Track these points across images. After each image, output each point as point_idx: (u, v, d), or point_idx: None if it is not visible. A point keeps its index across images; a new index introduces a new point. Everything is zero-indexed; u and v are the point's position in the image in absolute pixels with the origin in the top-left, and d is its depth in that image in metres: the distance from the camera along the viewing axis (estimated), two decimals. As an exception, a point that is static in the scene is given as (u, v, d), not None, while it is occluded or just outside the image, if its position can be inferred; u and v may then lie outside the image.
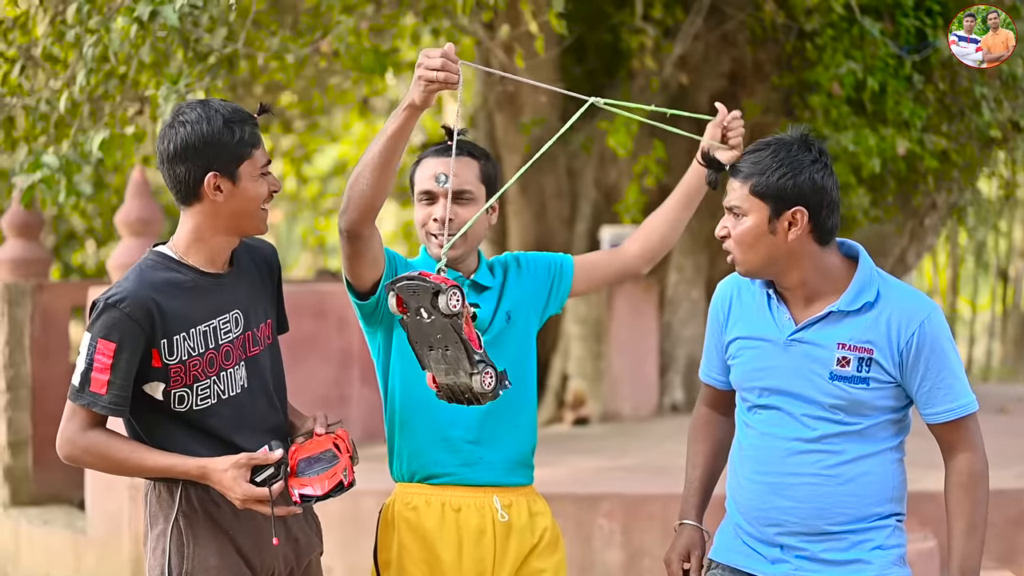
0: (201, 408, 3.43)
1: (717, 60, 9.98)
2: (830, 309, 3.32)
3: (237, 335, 3.49)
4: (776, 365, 3.37)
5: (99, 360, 3.33)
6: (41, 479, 8.84)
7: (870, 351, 3.29)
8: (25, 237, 9.27)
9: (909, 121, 8.51)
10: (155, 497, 3.49)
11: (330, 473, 3.36)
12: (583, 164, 10.49)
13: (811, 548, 3.36)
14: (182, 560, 3.44)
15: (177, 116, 3.41)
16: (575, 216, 10.59)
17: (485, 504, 3.67)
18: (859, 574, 3.35)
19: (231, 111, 3.41)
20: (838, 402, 3.31)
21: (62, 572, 8.03)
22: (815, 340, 3.33)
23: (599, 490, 6.85)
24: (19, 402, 8.78)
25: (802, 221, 3.26)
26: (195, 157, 3.36)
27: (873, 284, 3.33)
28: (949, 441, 3.34)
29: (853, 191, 8.61)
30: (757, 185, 3.27)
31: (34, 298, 8.80)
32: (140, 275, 3.41)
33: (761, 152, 3.29)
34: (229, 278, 3.50)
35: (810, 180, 3.26)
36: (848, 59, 8.52)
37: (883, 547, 3.36)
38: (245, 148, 3.39)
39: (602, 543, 6.69)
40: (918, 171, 8.75)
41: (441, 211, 3.61)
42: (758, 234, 3.29)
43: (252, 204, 3.43)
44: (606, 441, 8.55)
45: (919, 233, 9.91)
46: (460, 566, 3.66)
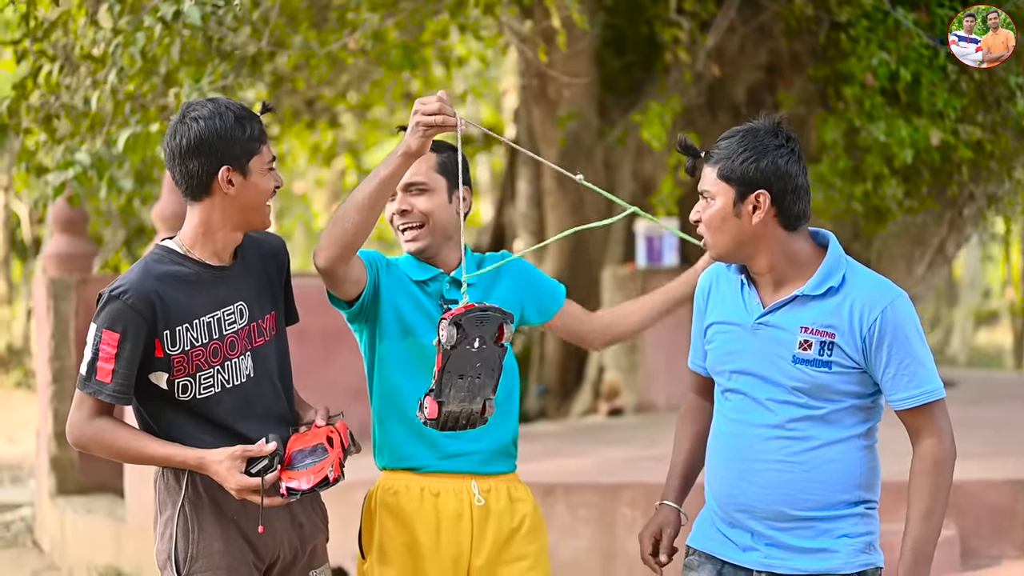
0: (205, 397, 3.51)
1: (754, 52, 9.98)
2: (795, 293, 3.37)
3: (242, 326, 3.56)
4: (744, 348, 3.43)
5: (104, 350, 3.42)
6: (87, 468, 8.99)
7: (832, 335, 3.32)
8: (70, 232, 9.42)
9: (943, 111, 8.46)
10: (163, 484, 3.58)
11: (317, 468, 3.43)
12: (620, 157, 10.52)
13: (778, 536, 3.40)
14: (187, 545, 3.53)
15: (188, 112, 3.49)
16: (612, 209, 10.59)
17: (463, 489, 3.74)
18: (825, 562, 3.38)
19: (240, 108, 3.51)
20: (801, 385, 3.34)
21: (104, 559, 8.18)
22: (780, 324, 3.38)
23: (622, 479, 6.90)
24: (65, 394, 8.92)
25: (765, 204, 3.31)
26: (209, 152, 3.45)
27: (839, 270, 3.37)
28: (915, 427, 3.35)
29: (886, 182, 8.58)
30: (723, 169, 3.33)
31: (78, 292, 8.97)
32: (144, 268, 3.49)
33: (731, 138, 3.36)
34: (233, 271, 3.58)
35: (773, 164, 3.31)
36: (882, 50, 8.49)
37: (849, 535, 3.38)
38: (255, 143, 3.48)
39: (625, 531, 6.74)
40: (952, 161, 8.71)
41: (398, 204, 3.72)
42: (724, 217, 3.35)
43: (260, 198, 3.53)
44: (638, 431, 8.60)
45: (958, 223, 9.85)
46: (438, 549, 3.72)
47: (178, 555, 3.53)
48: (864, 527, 3.40)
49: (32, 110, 7.38)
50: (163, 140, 6.34)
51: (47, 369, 9.01)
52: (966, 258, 23.13)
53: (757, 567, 3.43)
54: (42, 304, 9.10)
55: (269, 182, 3.53)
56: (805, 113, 9.69)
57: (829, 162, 8.77)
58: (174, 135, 3.49)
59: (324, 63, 7.39)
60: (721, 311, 3.51)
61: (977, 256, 23.57)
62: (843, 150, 8.78)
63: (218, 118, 3.45)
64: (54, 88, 7.37)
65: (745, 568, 3.45)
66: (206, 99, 3.55)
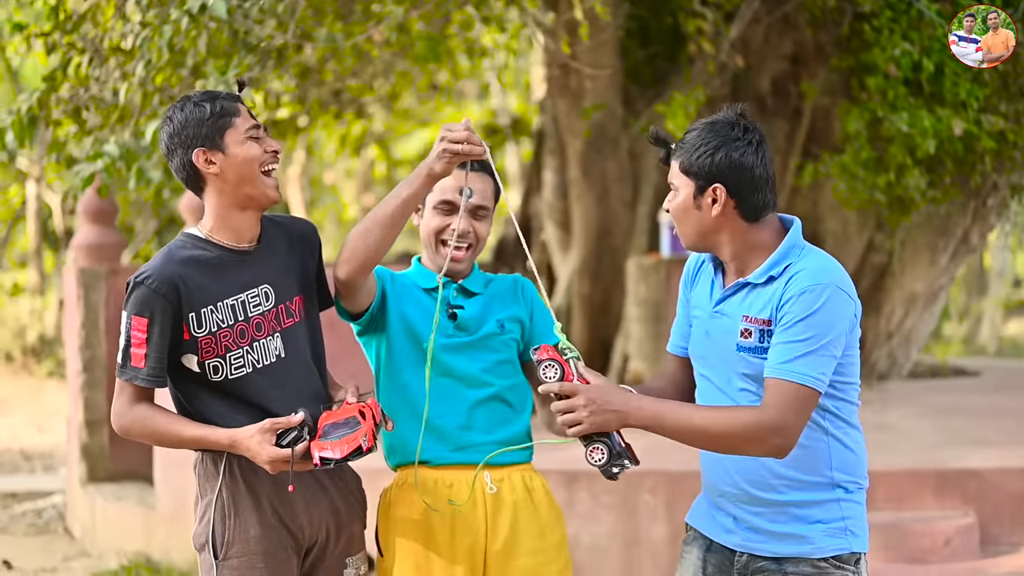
0: (236, 377, 3.59)
1: (778, 42, 9.99)
2: (741, 282, 3.41)
3: (268, 308, 3.63)
4: (705, 333, 3.48)
5: (135, 336, 3.51)
6: (117, 456, 9.07)
7: (768, 323, 3.33)
8: (100, 223, 9.50)
9: (966, 102, 8.47)
10: (202, 469, 3.66)
11: (350, 438, 3.47)
12: (644, 147, 10.55)
13: (755, 520, 3.44)
14: (224, 530, 3.61)
15: (163, 118, 3.64)
16: (637, 199, 10.66)
17: (477, 478, 3.77)
18: (799, 546, 3.41)
19: (203, 94, 3.61)
20: (748, 371, 3.37)
21: (134, 546, 8.26)
22: (728, 312, 3.42)
23: (644, 466, 6.91)
24: (95, 382, 9.03)
25: (722, 197, 3.35)
26: (179, 144, 3.56)
27: (786, 260, 3.37)
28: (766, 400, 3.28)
29: (909, 172, 8.60)
30: (684, 162, 3.38)
31: (108, 282, 9.05)
32: (167, 254, 3.59)
33: (694, 131, 3.40)
34: (255, 255, 3.64)
35: (727, 158, 3.33)
36: (905, 40, 8.51)
37: (824, 520, 3.41)
38: (223, 119, 3.56)
39: (647, 518, 6.80)
40: (975, 152, 8.72)
41: (463, 223, 3.78)
42: (686, 208, 3.40)
43: (248, 168, 3.57)
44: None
45: (982, 213, 9.86)
46: (453, 538, 3.77)
47: (215, 539, 3.61)
48: (840, 512, 3.42)
49: (62, 101, 7.45)
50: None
51: (77, 358, 9.09)
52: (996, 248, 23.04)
53: (738, 548, 3.49)
54: (72, 294, 9.18)
55: (253, 149, 3.58)
56: (829, 103, 9.72)
57: (853, 152, 8.79)
58: (159, 143, 3.65)
59: (349, 55, 7.45)
60: (696, 297, 3.58)
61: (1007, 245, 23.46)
62: (866, 140, 8.80)
63: (179, 111, 3.57)
64: (83, 80, 7.44)
65: (729, 548, 3.51)
66: (180, 98, 3.66)
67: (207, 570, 3.64)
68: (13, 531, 9.43)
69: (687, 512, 3.77)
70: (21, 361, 19.54)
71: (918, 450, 7.36)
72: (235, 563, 3.60)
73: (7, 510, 10.18)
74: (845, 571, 3.42)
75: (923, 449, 7.37)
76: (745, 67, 9.74)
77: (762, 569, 3.45)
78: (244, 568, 3.60)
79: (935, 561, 6.59)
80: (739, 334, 3.38)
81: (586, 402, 3.26)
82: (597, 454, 3.32)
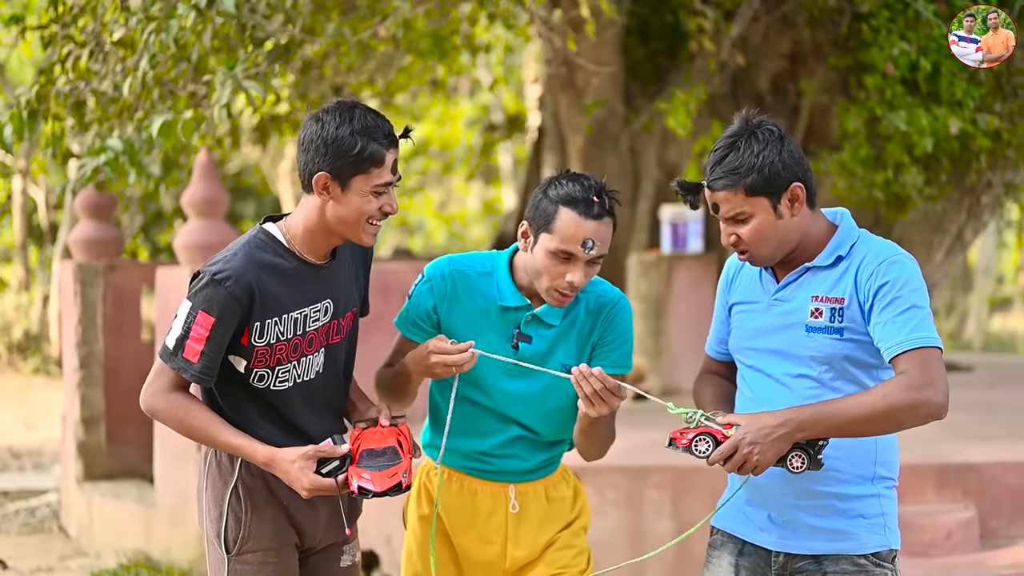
0: (278, 389, 3.56)
1: (777, 41, 10.06)
2: (807, 266, 3.42)
3: (323, 323, 3.59)
4: (762, 324, 3.48)
5: (196, 330, 3.45)
6: (114, 454, 9.01)
7: (841, 300, 3.36)
8: (97, 218, 9.43)
9: (962, 101, 8.54)
10: (215, 461, 3.63)
11: (391, 472, 3.45)
12: (645, 144, 10.61)
13: (794, 514, 3.44)
14: (239, 526, 3.60)
15: (320, 111, 3.51)
16: (637, 195, 10.71)
17: (501, 494, 3.77)
18: (840, 543, 3.42)
19: (367, 124, 3.46)
20: (816, 354, 3.37)
21: (133, 544, 8.22)
22: (793, 296, 3.43)
23: (649, 463, 6.98)
24: (92, 379, 8.98)
25: (802, 195, 3.37)
26: (315, 153, 3.46)
27: (849, 241, 3.41)
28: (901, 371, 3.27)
29: (906, 170, 8.66)
30: (752, 184, 3.33)
31: (106, 278, 8.99)
32: (248, 255, 3.51)
33: (731, 156, 3.34)
34: (328, 269, 3.60)
35: (790, 156, 3.35)
36: (902, 40, 8.58)
37: (865, 516, 3.43)
38: (364, 163, 3.45)
39: (653, 514, 6.82)
40: (971, 150, 8.79)
41: (579, 276, 3.53)
42: (770, 226, 3.37)
43: (355, 216, 3.49)
44: (664, 415, 8.62)
45: (976, 211, 9.92)
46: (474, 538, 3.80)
47: (228, 534, 3.60)
48: (880, 507, 3.44)
49: (61, 95, 7.42)
50: (197, 127, 6.47)
51: (74, 355, 9.04)
52: (981, 245, 23.16)
53: (775, 547, 3.48)
54: (69, 289, 9.12)
55: (370, 204, 3.49)
56: (827, 102, 9.79)
57: (851, 150, 8.85)
58: (303, 126, 3.53)
59: (354, 50, 7.44)
60: (742, 292, 3.58)
61: (992, 243, 23.59)
62: (864, 138, 8.86)
63: (335, 126, 3.45)
64: (83, 74, 7.39)
65: (764, 548, 3.50)
66: (346, 103, 3.53)
67: (218, 563, 3.64)
68: (6, 530, 9.35)
69: (693, 508, 3.77)
70: (7, 358, 19.43)
71: (918, 444, 7.40)
72: (248, 558, 3.60)
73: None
74: (884, 569, 3.44)
75: (923, 444, 7.42)
76: (745, 65, 9.79)
77: (801, 569, 3.45)
78: (257, 563, 3.60)
79: (936, 554, 6.64)
80: (809, 314, 3.39)
81: (750, 446, 3.24)
82: (797, 461, 3.31)
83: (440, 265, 3.74)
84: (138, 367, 8.88)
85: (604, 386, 3.40)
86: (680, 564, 6.69)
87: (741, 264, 3.61)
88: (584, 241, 3.50)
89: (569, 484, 3.88)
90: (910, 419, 3.23)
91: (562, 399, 3.68)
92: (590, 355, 3.72)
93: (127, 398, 8.93)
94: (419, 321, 3.72)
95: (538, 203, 3.59)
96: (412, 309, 3.73)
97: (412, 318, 3.73)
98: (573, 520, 3.85)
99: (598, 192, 3.53)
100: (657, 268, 9.70)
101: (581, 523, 3.87)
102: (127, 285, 9.07)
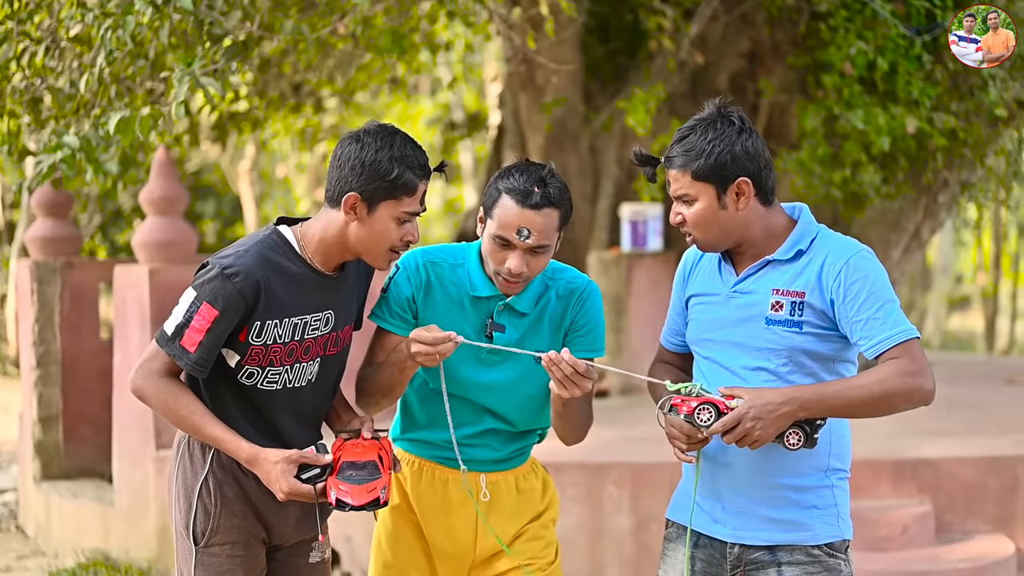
0: (264, 389, 3.59)
1: (736, 40, 10.11)
2: (767, 259, 3.44)
3: (323, 334, 3.62)
4: (721, 316, 3.50)
5: (198, 321, 3.48)
6: (71, 453, 8.95)
7: (802, 294, 3.39)
8: (54, 216, 9.36)
9: (919, 100, 8.62)
10: (187, 452, 3.66)
11: (370, 487, 3.48)
12: (605, 142, 10.64)
13: (748, 505, 3.46)
14: (208, 519, 3.63)
15: (361, 131, 3.54)
16: (597, 194, 10.74)
17: (471, 482, 3.79)
18: (794, 533, 3.45)
19: (405, 152, 3.50)
20: (774, 347, 3.39)
21: (91, 543, 8.18)
22: (753, 289, 3.45)
23: (609, 459, 7.01)
24: (50, 378, 8.91)
25: (749, 190, 3.39)
26: (350, 172, 3.49)
27: (809, 235, 3.44)
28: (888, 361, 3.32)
29: (864, 168, 8.73)
30: (698, 170, 3.37)
31: (63, 276, 8.92)
32: (260, 254, 3.54)
33: (690, 137, 3.39)
34: (335, 281, 3.63)
35: (743, 150, 3.38)
36: (860, 40, 8.64)
37: (818, 507, 3.46)
38: (396, 190, 3.48)
39: (612, 509, 6.85)
40: (928, 149, 8.86)
41: (516, 263, 3.58)
42: (712, 213, 3.40)
43: (377, 241, 3.53)
44: (623, 412, 8.69)
45: (933, 209, 10.00)
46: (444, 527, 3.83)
47: (196, 526, 3.63)
48: (833, 498, 3.47)
49: (17, 92, 7.36)
50: (154, 124, 6.43)
51: (31, 353, 8.98)
52: (940, 244, 23.34)
53: (729, 539, 3.50)
54: (26, 287, 9.05)
55: (393, 232, 3.52)
56: (786, 101, 9.85)
57: (809, 149, 8.91)
58: (340, 142, 3.56)
59: (312, 48, 7.42)
60: (700, 284, 3.60)
61: (950, 242, 23.80)
62: (822, 137, 8.92)
63: (374, 150, 3.48)
64: (39, 71, 7.33)
65: (719, 540, 3.52)
66: (388, 128, 3.55)
67: (186, 554, 3.66)
68: (-38, 530, 9.31)
69: (651, 503, 3.79)
70: (-39, 358, 19.27)
71: (875, 440, 7.47)
72: (216, 550, 3.63)
73: (-45, 508, 10.04)
74: (837, 559, 3.47)
75: (880, 439, 7.49)
76: (704, 64, 9.83)
77: (755, 560, 3.47)
78: (224, 556, 3.63)
79: (892, 549, 6.70)
80: (769, 307, 3.41)
81: (753, 420, 3.27)
82: (794, 438, 3.34)
83: (413, 256, 3.77)
84: (96, 365, 8.85)
85: (575, 370, 3.43)
86: (639, 558, 6.73)
87: (699, 256, 3.63)
88: (519, 229, 3.54)
89: (538, 476, 3.92)
90: (904, 403, 3.30)
91: (535, 385, 3.73)
92: (563, 341, 3.77)
93: (85, 397, 8.90)
94: (401, 312, 3.74)
95: (489, 190, 3.67)
96: (392, 300, 3.75)
97: (394, 309, 3.75)
98: (543, 512, 3.89)
99: (538, 182, 3.56)
100: (617, 266, 9.73)
101: (550, 515, 3.91)
102: (84, 283, 9.02)
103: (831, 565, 3.45)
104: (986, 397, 9.87)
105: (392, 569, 3.85)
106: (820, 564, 3.44)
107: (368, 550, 6.91)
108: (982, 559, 6.63)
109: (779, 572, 3.45)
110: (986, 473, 7.10)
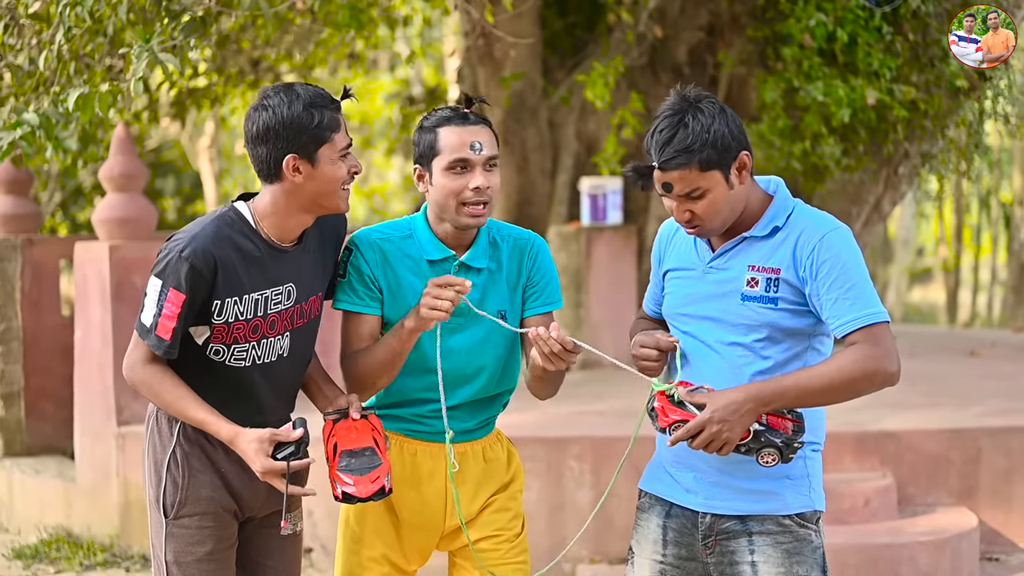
0: (234, 367, 3.62)
1: (695, 13, 10.09)
2: (743, 236, 3.46)
3: (287, 307, 3.65)
4: (696, 291, 3.51)
5: (168, 308, 3.51)
6: (34, 430, 8.93)
7: (777, 271, 3.40)
8: (14, 193, 9.32)
9: (879, 72, 8.65)
10: (155, 428, 3.71)
11: (373, 476, 3.52)
12: (564, 116, 10.62)
13: (721, 477, 3.48)
14: (176, 491, 3.67)
15: (262, 99, 3.55)
16: (557, 168, 10.73)
17: (439, 454, 3.82)
18: (766, 503, 3.46)
19: (312, 95, 3.53)
20: (750, 322, 3.41)
21: (54, 519, 8.17)
22: (729, 265, 3.47)
23: (569, 433, 7.04)
24: (11, 355, 8.89)
25: (749, 161, 3.40)
26: (276, 140, 3.50)
27: (785, 211, 3.46)
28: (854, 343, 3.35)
29: (824, 140, 8.76)
30: (704, 160, 3.35)
31: (24, 253, 8.89)
32: (216, 230, 3.56)
33: (680, 134, 3.35)
34: (293, 253, 3.65)
35: (734, 125, 3.39)
36: (819, 11, 8.66)
37: (791, 477, 3.46)
38: (324, 132, 3.51)
39: (573, 484, 6.88)
40: (888, 121, 8.89)
41: (481, 179, 3.65)
42: (723, 198, 3.39)
43: (330, 186, 3.56)
44: (583, 387, 8.71)
45: (893, 181, 10.04)
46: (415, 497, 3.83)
47: (166, 498, 3.68)
48: (806, 469, 3.47)
49: (-26, 69, 7.30)
50: (113, 100, 6.40)
51: (-8, 331, 8.96)
52: (901, 216, 23.45)
53: (701, 508, 3.52)
54: (-14, 265, 9.02)
55: (340, 170, 3.56)
56: (745, 73, 9.85)
57: (769, 121, 8.93)
58: (248, 120, 3.56)
59: (271, 23, 7.38)
60: (676, 258, 3.61)
61: (912, 214, 23.91)
62: (782, 110, 8.94)
63: (286, 107, 3.49)
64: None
65: (691, 509, 3.54)
66: (282, 85, 3.57)
67: (157, 528, 3.71)
68: (-76, 507, 9.25)
69: (613, 477, 3.81)
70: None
71: (837, 412, 7.46)
72: (186, 522, 3.67)
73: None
74: (808, 529, 3.48)
75: (842, 411, 7.51)
76: (662, 37, 9.82)
77: (727, 530, 3.49)
78: (194, 527, 3.67)
79: (855, 521, 6.74)
80: (745, 283, 3.43)
81: (719, 422, 3.28)
82: (769, 458, 3.34)
83: (362, 236, 3.80)
84: (57, 342, 8.83)
85: (563, 347, 3.46)
86: (601, 533, 6.75)
87: (675, 229, 3.65)
88: (471, 143, 3.65)
89: (503, 446, 3.95)
90: (867, 387, 3.32)
91: (501, 345, 3.79)
92: (522, 297, 3.83)
93: (46, 373, 8.87)
94: (367, 291, 3.76)
95: (419, 142, 3.73)
96: (355, 281, 3.76)
97: (359, 290, 3.76)
98: (509, 483, 3.91)
99: (467, 104, 3.72)
100: (576, 240, 9.73)
101: (517, 486, 3.94)
102: (45, 260, 8.99)
103: (802, 536, 3.47)
104: (948, 369, 9.92)
105: (361, 543, 3.86)
106: (791, 534, 3.46)
107: (328, 525, 6.98)
108: (944, 531, 6.67)
109: (750, 541, 3.47)
110: (948, 445, 7.15)
